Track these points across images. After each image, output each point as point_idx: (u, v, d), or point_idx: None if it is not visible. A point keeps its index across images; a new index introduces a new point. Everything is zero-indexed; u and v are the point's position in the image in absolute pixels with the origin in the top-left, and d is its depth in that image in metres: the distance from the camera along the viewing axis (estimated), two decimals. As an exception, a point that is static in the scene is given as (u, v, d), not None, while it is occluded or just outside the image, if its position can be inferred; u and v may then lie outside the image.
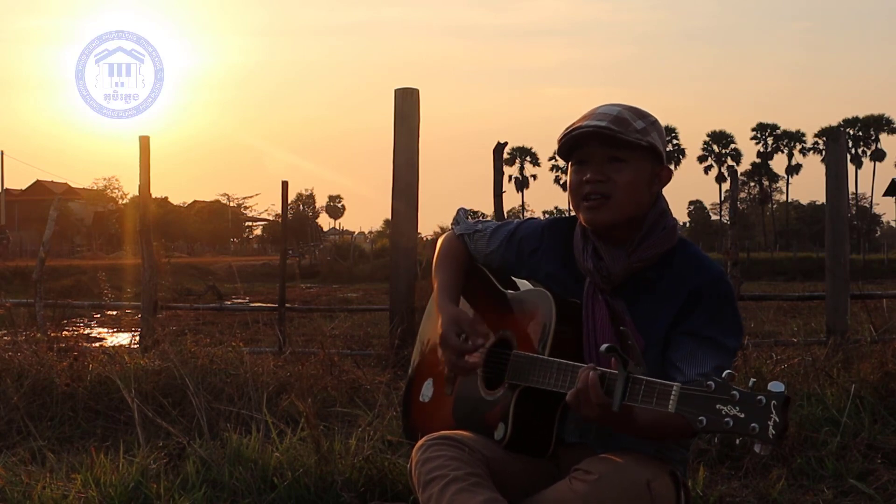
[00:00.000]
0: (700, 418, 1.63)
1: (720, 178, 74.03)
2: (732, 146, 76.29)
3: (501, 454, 2.07)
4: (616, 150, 2.03)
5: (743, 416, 1.58)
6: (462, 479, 1.93)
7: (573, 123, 2.08)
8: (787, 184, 78.89)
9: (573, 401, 1.85)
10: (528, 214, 79.04)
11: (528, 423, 2.09)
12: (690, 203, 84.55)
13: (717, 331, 2.01)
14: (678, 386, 1.68)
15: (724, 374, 1.63)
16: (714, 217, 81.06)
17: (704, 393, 1.63)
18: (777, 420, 1.56)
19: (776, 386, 1.58)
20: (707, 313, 2.02)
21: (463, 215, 2.51)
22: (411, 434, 2.39)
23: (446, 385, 2.31)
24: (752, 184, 78.35)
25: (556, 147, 2.16)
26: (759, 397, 1.58)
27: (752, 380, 1.62)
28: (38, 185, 65.29)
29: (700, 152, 76.43)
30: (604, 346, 1.76)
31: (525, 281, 2.29)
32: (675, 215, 2.18)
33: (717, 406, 1.61)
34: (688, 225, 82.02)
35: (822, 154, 64.41)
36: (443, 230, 2.61)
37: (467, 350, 2.13)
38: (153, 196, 7.19)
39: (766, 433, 1.56)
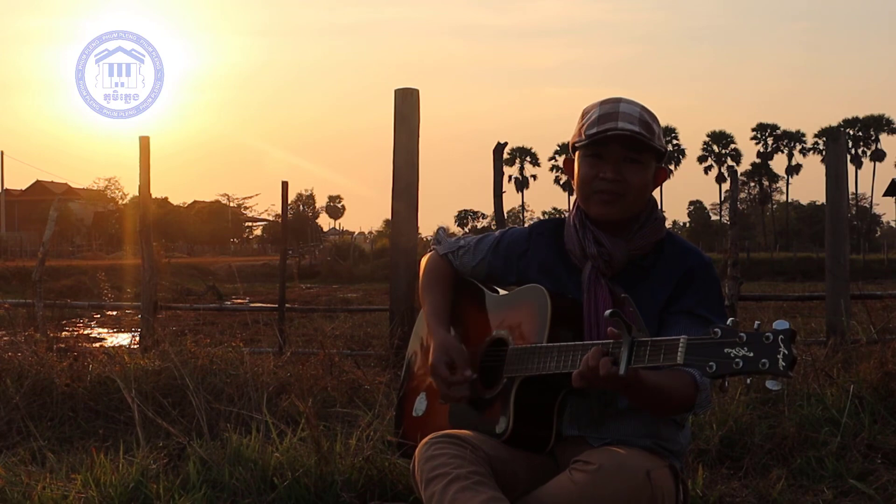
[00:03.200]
0: (710, 363, 1.66)
1: (720, 179, 74.02)
2: (732, 146, 76.35)
3: (504, 452, 2.08)
4: (636, 153, 2.10)
5: (752, 354, 1.62)
6: (464, 477, 1.94)
7: (599, 120, 2.10)
8: (787, 184, 78.97)
9: (580, 378, 1.86)
10: (527, 215, 79.15)
11: (529, 415, 2.10)
12: (690, 203, 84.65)
13: (708, 310, 2.09)
14: (685, 338, 1.72)
15: (728, 321, 1.67)
16: (714, 217, 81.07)
17: (711, 340, 1.67)
18: (786, 352, 1.59)
19: (780, 324, 1.61)
20: (699, 294, 2.11)
21: (443, 234, 2.55)
22: (406, 450, 2.40)
23: (440, 396, 2.32)
24: (752, 184, 78.34)
25: (555, 147, 2.22)
26: (766, 334, 1.61)
27: (757, 322, 1.65)
28: (38, 185, 65.34)
29: (700, 152, 76.53)
30: (608, 312, 1.79)
31: (512, 287, 2.32)
32: (675, 215, 2.26)
33: (726, 350, 1.64)
34: (688, 225, 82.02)
35: (822, 154, 64.42)
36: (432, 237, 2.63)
37: (456, 382, 2.17)
38: (153, 196, 7.18)
39: (777, 366, 1.59)
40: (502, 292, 2.32)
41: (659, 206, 2.24)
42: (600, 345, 1.86)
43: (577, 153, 2.17)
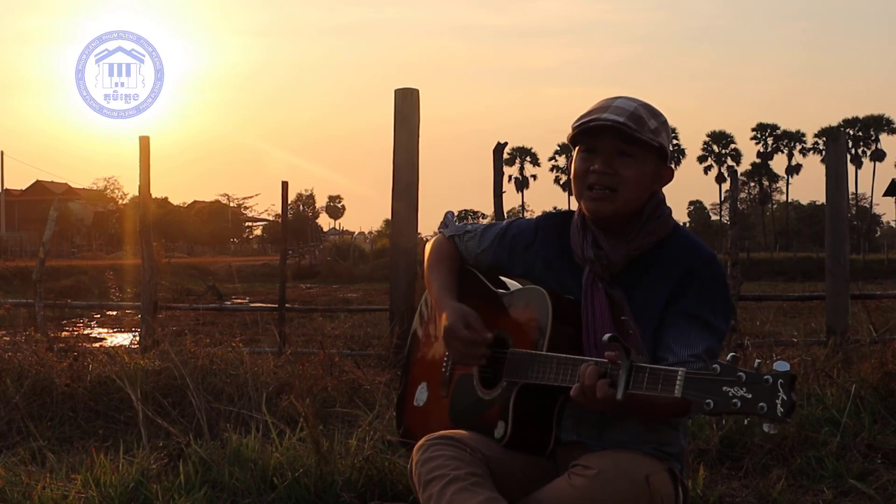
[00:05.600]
0: (707, 401, 1.63)
1: (720, 179, 74.03)
2: (732, 146, 76.33)
3: (501, 453, 2.07)
4: (627, 145, 2.06)
5: (750, 396, 1.59)
6: (462, 478, 1.94)
7: (590, 112, 2.09)
8: (787, 184, 78.94)
9: (578, 396, 1.85)
10: (527, 214, 79.00)
11: (527, 420, 2.09)
12: (690, 203, 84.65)
13: (709, 311, 2.05)
14: (683, 371, 1.70)
15: (728, 357, 1.65)
16: (714, 217, 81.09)
17: (710, 376, 1.65)
18: (785, 398, 1.56)
19: (781, 365, 1.59)
20: (700, 294, 2.06)
21: (451, 218, 2.52)
22: (408, 438, 2.39)
23: (442, 387, 2.32)
24: (752, 184, 78.33)
25: (555, 147, 2.23)
26: (765, 377, 1.59)
27: (758, 361, 1.63)
28: (38, 185, 65.35)
29: (700, 152, 76.52)
30: (606, 336, 1.77)
31: (515, 282, 2.30)
32: (675, 215, 2.21)
33: (724, 388, 1.62)
34: (688, 225, 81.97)
35: (822, 154, 64.39)
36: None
37: (477, 341, 2.14)
38: (153, 196, 7.18)
39: (775, 412, 1.57)
40: (505, 289, 2.31)
41: (665, 201, 2.17)
42: (598, 364, 1.85)
43: (575, 151, 2.16)
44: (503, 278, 2.34)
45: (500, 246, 2.33)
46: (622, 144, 2.06)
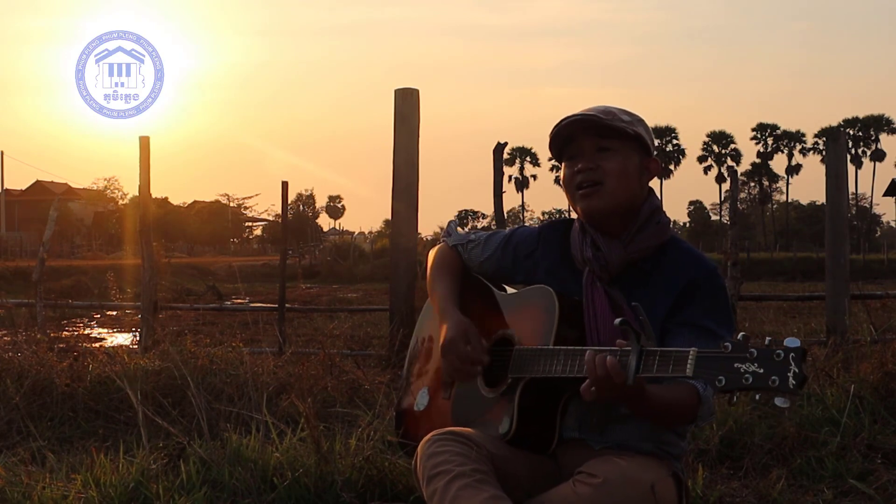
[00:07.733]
0: (719, 378, 1.64)
1: (720, 179, 74.00)
2: (732, 146, 76.32)
3: (506, 451, 2.08)
4: (604, 139, 2.11)
5: (762, 371, 1.60)
6: (467, 474, 1.95)
7: (564, 118, 2.15)
8: (787, 184, 78.95)
9: (588, 391, 1.84)
10: (527, 215, 79.16)
11: (532, 416, 2.10)
12: (690, 203, 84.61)
13: (713, 321, 2.06)
14: (695, 350, 1.71)
15: (740, 336, 1.66)
16: (714, 217, 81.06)
17: (721, 354, 1.66)
18: (796, 371, 1.57)
19: (791, 341, 1.60)
20: (703, 304, 2.08)
21: (454, 227, 2.55)
22: (408, 449, 2.39)
23: (443, 390, 2.32)
24: (752, 184, 78.32)
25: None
26: (776, 352, 1.60)
27: (768, 338, 1.64)
28: (38, 185, 65.29)
29: (700, 152, 76.48)
30: (617, 320, 1.77)
31: (518, 287, 2.32)
32: (675, 215, 2.24)
33: (736, 365, 1.63)
34: (688, 225, 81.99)
35: (822, 154, 64.43)
36: (443, 231, 2.64)
37: (473, 358, 2.17)
38: (153, 196, 7.18)
39: (787, 384, 1.57)
40: (509, 291, 2.34)
41: (662, 209, 2.20)
42: (607, 352, 1.85)
43: (563, 166, 2.21)
44: (506, 286, 2.37)
45: (503, 253, 2.36)
46: (599, 140, 2.11)
